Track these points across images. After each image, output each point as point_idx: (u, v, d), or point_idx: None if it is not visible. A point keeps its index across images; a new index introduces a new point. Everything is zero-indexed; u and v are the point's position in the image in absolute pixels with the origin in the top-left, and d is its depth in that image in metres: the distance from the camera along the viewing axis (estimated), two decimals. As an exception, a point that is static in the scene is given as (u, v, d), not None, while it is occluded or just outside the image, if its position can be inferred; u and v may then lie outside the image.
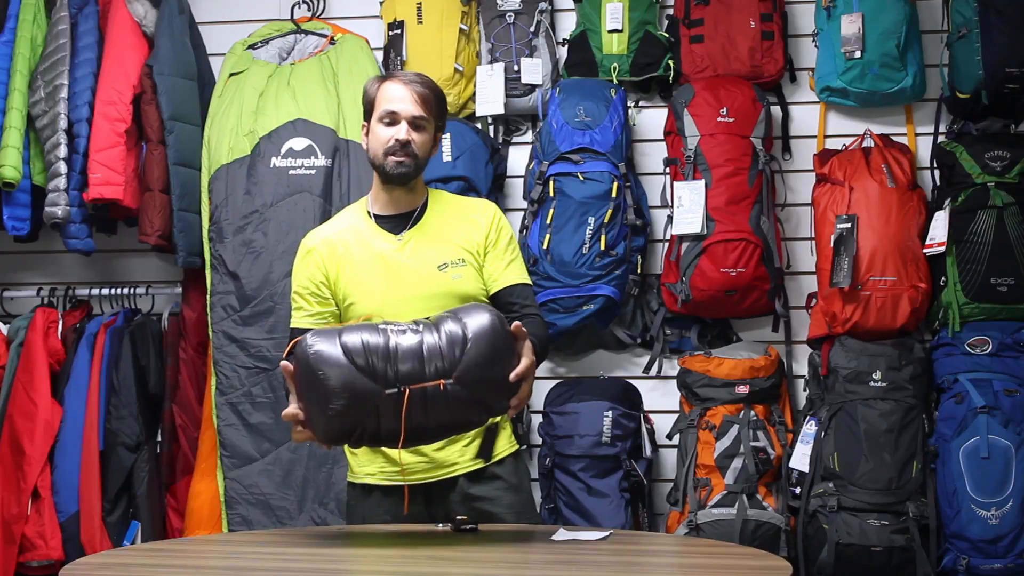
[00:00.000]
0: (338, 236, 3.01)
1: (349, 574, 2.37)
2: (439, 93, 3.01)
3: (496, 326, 2.52)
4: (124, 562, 2.51)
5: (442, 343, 2.49)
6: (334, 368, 2.43)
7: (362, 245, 2.97)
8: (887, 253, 3.83)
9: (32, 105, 3.99)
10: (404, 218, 2.99)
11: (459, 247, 2.97)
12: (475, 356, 2.48)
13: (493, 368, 2.51)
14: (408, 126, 2.93)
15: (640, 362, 4.17)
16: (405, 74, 3.01)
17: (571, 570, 2.45)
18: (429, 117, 2.96)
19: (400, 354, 2.47)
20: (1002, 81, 3.80)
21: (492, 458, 2.96)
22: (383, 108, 2.94)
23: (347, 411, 2.44)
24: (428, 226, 2.99)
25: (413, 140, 2.93)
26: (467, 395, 2.49)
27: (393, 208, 3.00)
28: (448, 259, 2.94)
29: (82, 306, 4.26)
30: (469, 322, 2.52)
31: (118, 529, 3.99)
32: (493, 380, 2.52)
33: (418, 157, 2.95)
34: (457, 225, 2.99)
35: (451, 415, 2.52)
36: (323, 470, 3.85)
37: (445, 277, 2.92)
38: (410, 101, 2.93)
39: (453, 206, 3.05)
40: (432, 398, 2.47)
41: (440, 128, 3.03)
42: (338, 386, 2.43)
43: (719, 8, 4.08)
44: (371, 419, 2.46)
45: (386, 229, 2.98)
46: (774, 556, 2.60)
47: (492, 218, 3.03)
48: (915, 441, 3.76)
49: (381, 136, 2.94)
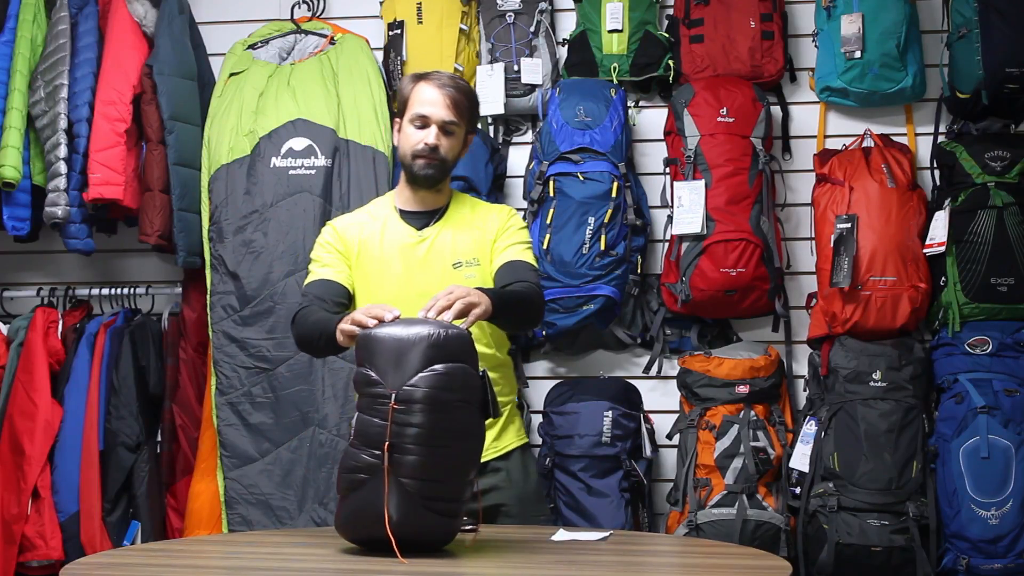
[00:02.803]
0: (363, 221, 3.08)
1: (349, 574, 2.37)
2: (472, 96, 3.05)
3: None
4: (124, 562, 2.51)
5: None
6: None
7: (383, 234, 3.03)
8: (887, 253, 3.83)
9: (32, 105, 3.99)
10: (427, 215, 3.05)
11: (474, 247, 3.01)
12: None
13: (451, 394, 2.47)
14: (438, 130, 2.97)
15: (640, 362, 4.17)
16: (439, 76, 3.03)
17: (571, 570, 2.45)
18: (460, 122, 2.99)
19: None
20: (1002, 81, 3.80)
21: (499, 415, 2.89)
22: (415, 110, 2.98)
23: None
24: (448, 225, 3.03)
25: (442, 144, 2.97)
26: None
27: (418, 205, 3.05)
28: (463, 258, 2.99)
29: (82, 306, 4.26)
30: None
31: (118, 529, 3.99)
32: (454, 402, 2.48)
33: (446, 161, 2.99)
34: (474, 227, 3.04)
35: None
36: (323, 470, 3.85)
37: (458, 275, 2.96)
38: (442, 106, 2.96)
39: (474, 209, 3.09)
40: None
41: (472, 131, 3.07)
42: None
43: (719, 8, 4.07)
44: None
45: (409, 223, 3.04)
46: (774, 556, 2.60)
47: (506, 216, 3.08)
48: (915, 441, 3.76)
49: (411, 138, 2.98)
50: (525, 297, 2.90)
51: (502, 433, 3.06)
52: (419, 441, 2.41)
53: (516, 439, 3.09)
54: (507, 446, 3.06)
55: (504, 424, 3.06)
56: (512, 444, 3.07)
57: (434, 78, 3.01)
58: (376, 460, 2.42)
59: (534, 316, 2.96)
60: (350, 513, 2.49)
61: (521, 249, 3.03)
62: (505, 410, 3.05)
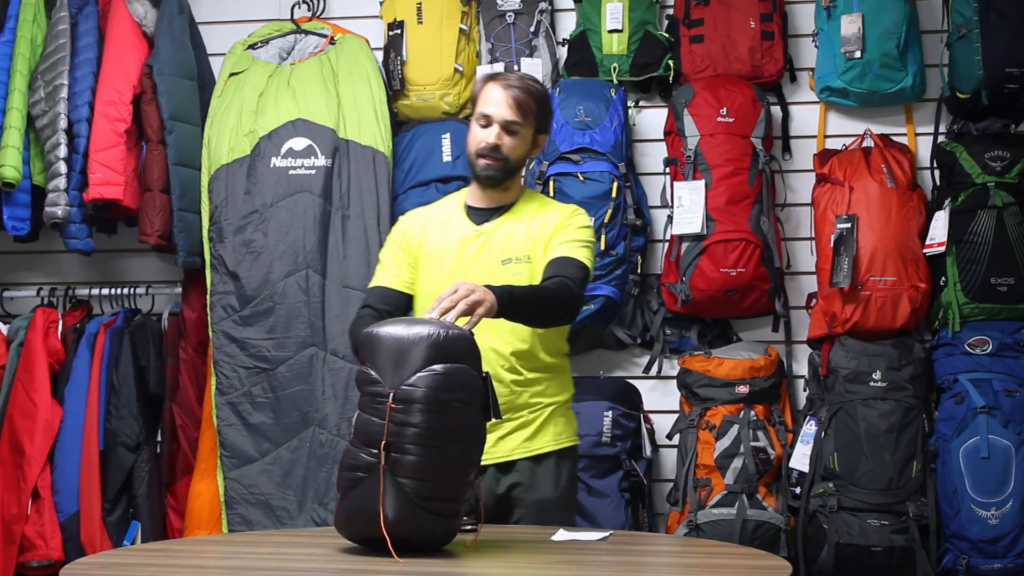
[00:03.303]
0: (432, 214, 3.10)
1: (349, 574, 2.37)
2: (540, 96, 3.02)
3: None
4: (124, 562, 2.51)
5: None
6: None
7: (446, 227, 3.05)
8: (887, 253, 3.83)
9: (32, 105, 3.99)
10: (491, 212, 3.05)
11: (528, 244, 2.99)
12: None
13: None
14: (500, 130, 2.96)
15: (640, 362, 4.17)
16: (508, 76, 3.03)
17: (571, 570, 2.45)
18: (523, 121, 2.97)
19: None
20: (1002, 81, 3.80)
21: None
22: (479, 110, 3.00)
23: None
24: (507, 222, 3.02)
25: (503, 144, 2.97)
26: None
27: (484, 202, 3.06)
28: (514, 255, 2.98)
29: (82, 306, 4.26)
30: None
31: (118, 529, 3.99)
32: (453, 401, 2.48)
33: (508, 160, 2.98)
34: (533, 224, 3.01)
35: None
36: (323, 470, 3.85)
37: (505, 272, 2.93)
38: (504, 105, 2.96)
39: (541, 207, 3.06)
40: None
41: (542, 130, 3.04)
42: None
43: (719, 8, 4.08)
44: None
45: (471, 219, 3.04)
46: (774, 556, 2.60)
47: (568, 214, 3.03)
48: (915, 441, 3.76)
49: (476, 136, 3.00)
50: (544, 293, 2.84)
51: (537, 434, 2.99)
52: (417, 441, 2.40)
53: (553, 443, 3.00)
54: (540, 448, 2.99)
55: (541, 426, 2.99)
56: (546, 448, 2.99)
57: (502, 78, 3.01)
58: (374, 459, 2.42)
59: (556, 313, 2.87)
60: (348, 511, 2.49)
61: (573, 246, 2.96)
62: (544, 412, 2.99)
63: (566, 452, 3.04)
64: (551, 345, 3.02)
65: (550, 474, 3.00)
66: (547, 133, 3.09)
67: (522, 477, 2.98)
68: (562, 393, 3.06)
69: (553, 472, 3.00)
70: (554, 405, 3.02)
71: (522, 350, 2.96)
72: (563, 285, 2.85)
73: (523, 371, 2.97)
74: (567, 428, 3.05)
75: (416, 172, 4.05)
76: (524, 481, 2.98)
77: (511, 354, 2.95)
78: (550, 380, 3.02)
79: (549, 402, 3.01)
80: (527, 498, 2.97)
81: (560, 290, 2.84)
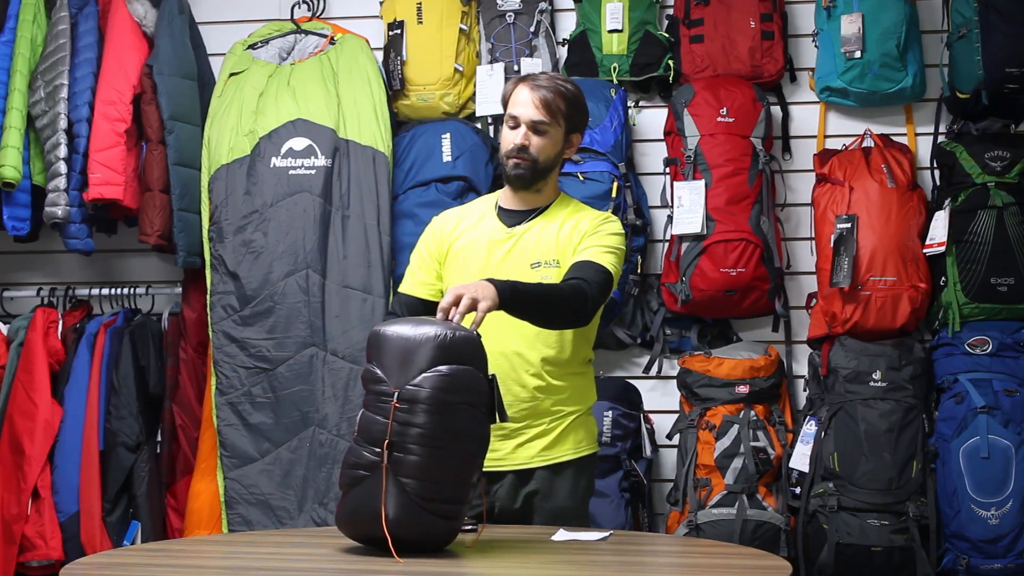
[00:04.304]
0: (465, 214, 3.08)
1: (349, 574, 2.37)
2: (570, 96, 2.98)
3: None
4: (124, 562, 2.51)
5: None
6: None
7: (476, 229, 3.02)
8: (887, 253, 3.83)
9: (32, 105, 3.99)
10: (524, 214, 3.02)
11: (557, 248, 2.95)
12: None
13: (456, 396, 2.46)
14: (527, 130, 2.94)
15: (640, 362, 4.17)
16: (536, 77, 3.00)
17: (571, 570, 2.45)
18: (551, 121, 2.94)
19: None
20: (1002, 81, 3.80)
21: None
22: (508, 111, 2.98)
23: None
24: (539, 225, 2.99)
25: (531, 144, 2.94)
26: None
27: (517, 204, 3.03)
28: (543, 259, 2.95)
29: (82, 306, 4.26)
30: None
31: (118, 529, 3.99)
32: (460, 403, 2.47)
33: (537, 160, 2.95)
34: (564, 227, 2.98)
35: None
36: (323, 470, 3.85)
37: (534, 276, 2.91)
38: (531, 106, 2.94)
39: (574, 212, 3.02)
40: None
41: (575, 129, 3.01)
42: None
43: (719, 8, 4.08)
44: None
45: (503, 221, 3.02)
46: (774, 556, 2.60)
47: (599, 220, 2.99)
48: (915, 441, 3.76)
49: (505, 138, 2.98)
50: (551, 292, 2.80)
51: (557, 443, 2.96)
52: (420, 441, 2.40)
53: (572, 452, 2.97)
54: (559, 457, 2.95)
55: (561, 435, 2.96)
56: (565, 456, 2.96)
57: (531, 79, 2.99)
58: (377, 458, 2.42)
59: (561, 313, 2.80)
60: (350, 509, 2.49)
61: (598, 251, 2.91)
62: (565, 420, 2.96)
63: (585, 461, 3.01)
64: (579, 353, 2.99)
65: (568, 484, 2.97)
66: (581, 132, 3.04)
67: (540, 486, 2.95)
68: (584, 401, 3.03)
69: (571, 482, 2.97)
70: (576, 413, 2.99)
71: (549, 356, 2.93)
72: (576, 287, 2.81)
73: (548, 378, 2.94)
74: (587, 436, 3.02)
75: (416, 172, 4.05)
76: (542, 490, 2.95)
77: (540, 360, 2.93)
78: (574, 388, 2.99)
79: (571, 410, 2.98)
80: (545, 506, 2.95)
81: (570, 291, 2.80)
